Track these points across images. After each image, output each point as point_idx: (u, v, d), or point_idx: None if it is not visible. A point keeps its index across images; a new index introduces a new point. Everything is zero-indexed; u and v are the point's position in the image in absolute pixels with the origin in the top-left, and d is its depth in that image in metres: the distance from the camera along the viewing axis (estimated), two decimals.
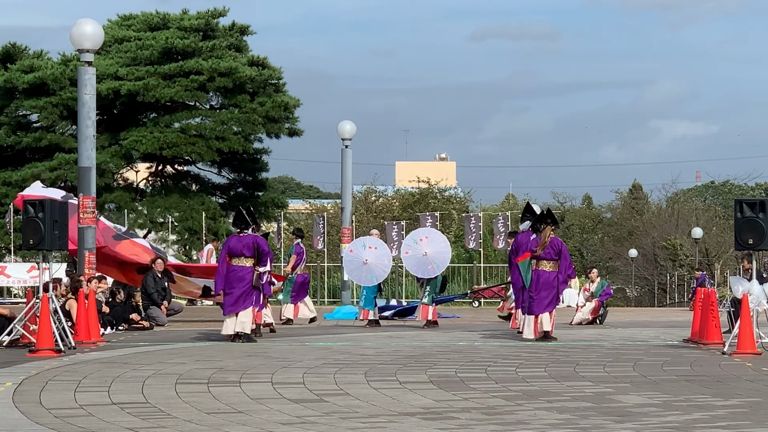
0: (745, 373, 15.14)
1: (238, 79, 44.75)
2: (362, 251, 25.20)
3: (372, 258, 25.02)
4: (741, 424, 10.65)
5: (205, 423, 10.69)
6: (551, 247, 21.06)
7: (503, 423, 10.73)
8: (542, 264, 21.03)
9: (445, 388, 13.22)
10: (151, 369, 15.18)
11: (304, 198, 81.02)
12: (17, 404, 11.83)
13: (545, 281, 20.94)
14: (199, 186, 48.17)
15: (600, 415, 11.20)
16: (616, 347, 19.38)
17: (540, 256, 21.02)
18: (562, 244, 21.48)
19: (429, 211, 46.41)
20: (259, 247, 20.47)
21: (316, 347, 19.20)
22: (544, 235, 21.14)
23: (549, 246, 21.05)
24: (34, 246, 18.57)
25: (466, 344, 19.91)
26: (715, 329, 19.43)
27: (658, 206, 73.44)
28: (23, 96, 44.55)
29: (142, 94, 43.94)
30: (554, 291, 21.04)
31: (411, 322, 26.49)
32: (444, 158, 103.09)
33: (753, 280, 18.48)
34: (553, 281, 20.99)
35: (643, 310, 46.10)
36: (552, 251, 21.03)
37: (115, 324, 23.36)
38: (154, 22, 47.11)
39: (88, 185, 24.76)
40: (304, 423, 10.71)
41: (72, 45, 25.33)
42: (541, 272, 21.00)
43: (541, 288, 20.92)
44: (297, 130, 47.49)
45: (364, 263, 25.02)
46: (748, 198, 20.14)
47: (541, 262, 21.04)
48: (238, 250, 20.43)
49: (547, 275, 20.96)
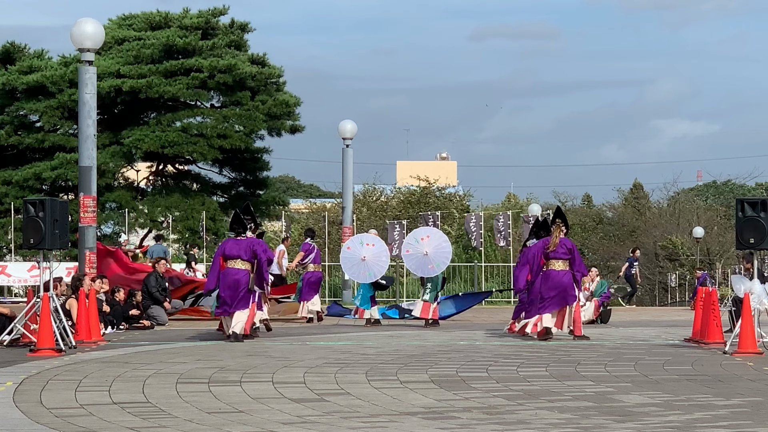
0: (747, 372, 15.13)
1: (238, 76, 44.72)
2: (360, 248, 25.25)
3: (369, 255, 25.09)
4: (742, 423, 10.63)
5: (205, 423, 10.67)
6: (562, 245, 20.99)
7: (504, 422, 10.71)
8: (552, 263, 20.93)
9: (446, 388, 13.20)
10: (152, 368, 15.16)
11: (305, 197, 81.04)
12: (18, 404, 11.81)
13: (555, 280, 20.81)
14: (200, 185, 48.15)
15: (601, 414, 11.19)
16: (617, 346, 19.36)
17: (550, 255, 20.94)
18: (572, 243, 21.46)
19: (429, 210, 46.40)
20: (256, 253, 20.32)
21: (317, 346, 19.19)
22: (554, 234, 21.13)
23: (559, 245, 20.98)
24: (34, 245, 18.56)
25: (467, 343, 19.89)
26: (717, 328, 19.41)
27: (659, 205, 73.39)
28: (24, 98, 44.54)
29: (144, 91, 43.93)
30: (564, 290, 20.84)
31: (412, 322, 26.48)
32: (445, 157, 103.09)
33: (754, 279, 18.46)
34: (563, 279, 20.83)
35: (645, 309, 46.08)
36: (563, 250, 20.95)
37: (116, 323, 23.35)
38: (155, 21, 47.11)
39: (88, 184, 24.77)
40: (305, 422, 10.70)
41: (73, 44, 25.34)
42: (551, 272, 20.88)
43: (550, 287, 20.81)
44: (298, 127, 47.48)
45: (362, 260, 25.06)
46: (749, 197, 20.12)
47: (551, 262, 20.94)
48: (234, 253, 20.31)
49: (557, 273, 20.84)
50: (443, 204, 55.79)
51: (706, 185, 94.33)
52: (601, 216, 75.29)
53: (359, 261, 25.12)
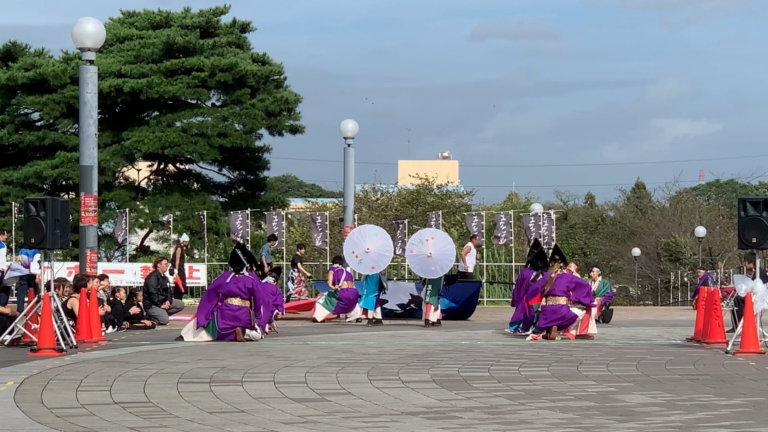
0: (749, 372, 15.10)
1: (239, 74, 44.70)
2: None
3: (375, 248, 25.37)
4: (744, 423, 10.61)
5: (207, 422, 10.65)
6: (562, 283, 20.97)
7: (506, 422, 10.69)
8: (551, 300, 20.97)
9: (448, 388, 13.17)
10: (153, 368, 15.14)
11: (306, 197, 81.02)
12: (19, 403, 11.79)
13: (556, 316, 20.82)
14: (201, 185, 48.12)
15: (603, 414, 11.16)
16: (619, 346, 19.34)
17: (548, 292, 20.98)
18: (573, 277, 21.46)
19: (428, 208, 46.30)
20: (255, 294, 20.33)
21: (319, 346, 19.17)
22: (552, 271, 21.23)
23: (556, 282, 20.96)
24: (35, 245, 18.53)
25: (469, 343, 19.87)
26: (719, 328, 19.39)
27: (661, 205, 73.34)
28: (24, 93, 44.53)
29: (145, 91, 43.91)
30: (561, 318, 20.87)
31: (413, 321, 26.46)
32: (447, 157, 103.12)
33: (757, 279, 18.43)
34: (560, 310, 20.81)
35: (646, 309, 46.06)
36: (561, 288, 20.94)
37: (117, 323, 23.32)
38: (156, 20, 47.11)
39: (89, 184, 24.72)
40: (307, 422, 10.67)
41: (74, 43, 25.30)
42: (549, 307, 20.89)
43: (549, 321, 20.81)
44: (299, 127, 47.40)
45: (366, 252, 25.15)
46: (751, 197, 20.10)
47: (551, 298, 20.99)
48: (233, 291, 20.30)
49: (558, 308, 20.82)
50: (440, 201, 55.67)
51: (708, 184, 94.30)
52: (603, 216, 75.28)
53: (363, 252, 25.27)
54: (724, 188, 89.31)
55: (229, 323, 20.07)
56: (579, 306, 21.05)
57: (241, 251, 20.85)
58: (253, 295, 20.29)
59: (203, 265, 39.72)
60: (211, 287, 20.82)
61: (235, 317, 20.10)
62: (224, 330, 20.05)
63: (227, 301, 20.21)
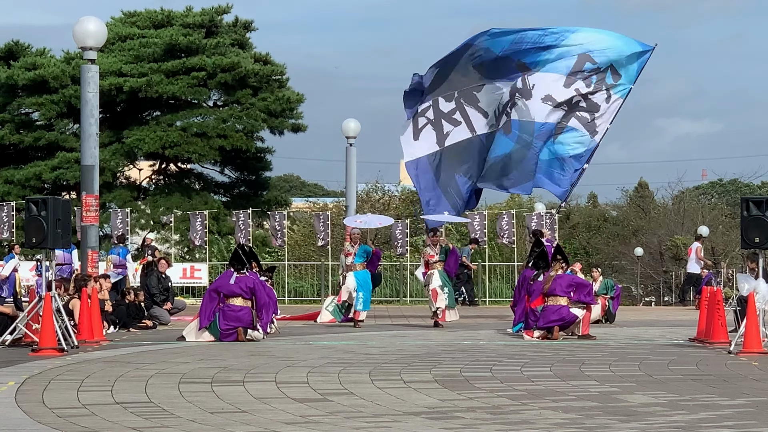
0: (752, 372, 15.08)
1: (240, 74, 44.64)
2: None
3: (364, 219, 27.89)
4: (747, 423, 10.58)
5: (208, 422, 10.63)
6: (563, 283, 20.95)
7: (508, 422, 10.66)
8: (552, 300, 20.96)
9: (450, 388, 13.15)
10: (155, 368, 15.13)
11: (308, 196, 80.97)
12: (20, 404, 11.78)
13: (556, 317, 20.81)
14: (202, 184, 48.07)
15: (606, 414, 11.14)
16: (622, 346, 19.32)
17: (549, 292, 20.95)
18: (574, 277, 21.46)
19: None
20: (256, 294, 20.31)
21: (320, 346, 19.15)
22: (554, 269, 21.22)
23: (557, 282, 20.94)
24: (37, 244, 18.51)
25: (471, 343, 19.85)
26: (721, 328, 19.36)
27: (663, 204, 73.28)
28: (25, 93, 44.49)
29: (145, 90, 43.87)
30: (561, 319, 20.86)
31: (413, 321, 26.43)
32: None
33: (759, 279, 18.40)
34: (560, 311, 20.80)
35: (649, 308, 46.00)
36: (562, 288, 20.92)
37: (119, 325, 23.26)
38: (158, 20, 47.05)
39: (90, 183, 24.71)
40: (308, 422, 10.65)
41: (75, 43, 25.29)
42: (549, 307, 20.87)
43: (549, 321, 20.79)
44: (300, 126, 47.32)
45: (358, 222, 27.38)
46: (754, 196, 20.07)
47: (552, 298, 20.98)
48: (235, 291, 20.29)
49: (557, 309, 20.81)
50: None
51: (711, 184, 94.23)
52: (605, 215, 75.23)
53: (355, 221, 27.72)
54: (728, 187, 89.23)
55: (232, 324, 20.08)
56: (579, 306, 21.04)
57: (243, 251, 20.86)
58: (254, 294, 20.29)
59: (204, 265, 39.69)
60: (212, 287, 20.82)
61: (238, 318, 20.11)
62: (226, 330, 20.06)
63: (229, 301, 20.21)
